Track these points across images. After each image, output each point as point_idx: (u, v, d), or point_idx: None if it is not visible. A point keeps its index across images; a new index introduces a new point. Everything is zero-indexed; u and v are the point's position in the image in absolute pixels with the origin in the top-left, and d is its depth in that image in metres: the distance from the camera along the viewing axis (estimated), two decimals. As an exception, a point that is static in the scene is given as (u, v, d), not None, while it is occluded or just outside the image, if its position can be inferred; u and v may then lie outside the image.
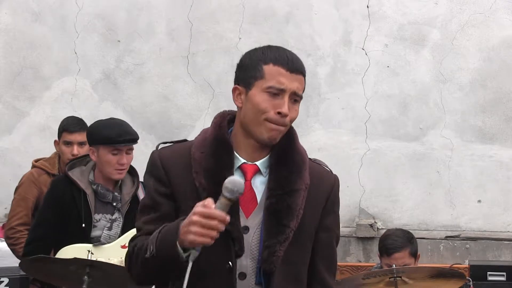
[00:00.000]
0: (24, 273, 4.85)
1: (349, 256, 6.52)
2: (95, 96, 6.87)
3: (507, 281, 5.68)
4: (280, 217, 2.47)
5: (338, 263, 2.72)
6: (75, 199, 4.20)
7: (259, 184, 2.52)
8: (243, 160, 2.52)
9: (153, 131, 6.75)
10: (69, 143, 4.97)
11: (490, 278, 5.69)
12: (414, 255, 4.71)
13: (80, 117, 5.41)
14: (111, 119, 4.38)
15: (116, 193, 4.24)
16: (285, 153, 2.53)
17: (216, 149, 2.50)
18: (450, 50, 6.55)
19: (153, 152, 2.57)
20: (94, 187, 4.22)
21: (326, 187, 2.60)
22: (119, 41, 6.85)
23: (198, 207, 2.31)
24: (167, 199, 2.52)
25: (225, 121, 2.55)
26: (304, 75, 2.50)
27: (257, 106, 2.45)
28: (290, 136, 2.55)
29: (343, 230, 6.52)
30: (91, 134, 4.30)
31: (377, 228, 6.53)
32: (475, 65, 6.54)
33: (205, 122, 6.47)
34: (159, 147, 2.59)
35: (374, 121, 6.61)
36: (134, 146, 4.33)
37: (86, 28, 6.87)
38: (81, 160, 4.37)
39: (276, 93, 2.45)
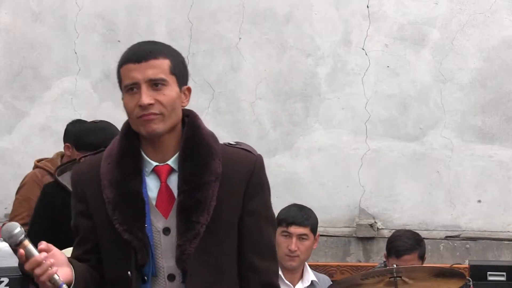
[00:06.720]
0: (24, 273, 4.85)
1: (349, 256, 6.51)
2: (95, 96, 6.87)
3: (507, 281, 5.67)
4: (190, 214, 2.41)
5: (338, 263, 2.70)
6: (66, 205, 4.18)
7: (175, 183, 2.46)
8: (155, 163, 2.47)
9: (153, 131, 6.74)
10: None
11: (490, 278, 5.68)
12: (422, 257, 4.72)
13: (80, 117, 5.46)
14: (95, 123, 4.32)
15: None
16: (190, 147, 2.49)
17: (121, 158, 2.46)
18: (450, 50, 6.55)
19: (72, 168, 2.57)
20: None
21: (245, 170, 2.52)
22: (119, 41, 6.84)
23: None
24: (86, 218, 2.49)
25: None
26: (159, 57, 2.45)
27: (126, 110, 2.48)
28: (193, 128, 2.54)
29: (343, 230, 6.53)
30: (76, 141, 4.28)
31: (377, 228, 6.53)
32: (475, 65, 6.54)
33: (205, 122, 6.44)
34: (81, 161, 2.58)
35: (374, 121, 6.60)
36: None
37: (86, 28, 6.87)
38: (72, 164, 4.36)
39: (132, 88, 2.46)
